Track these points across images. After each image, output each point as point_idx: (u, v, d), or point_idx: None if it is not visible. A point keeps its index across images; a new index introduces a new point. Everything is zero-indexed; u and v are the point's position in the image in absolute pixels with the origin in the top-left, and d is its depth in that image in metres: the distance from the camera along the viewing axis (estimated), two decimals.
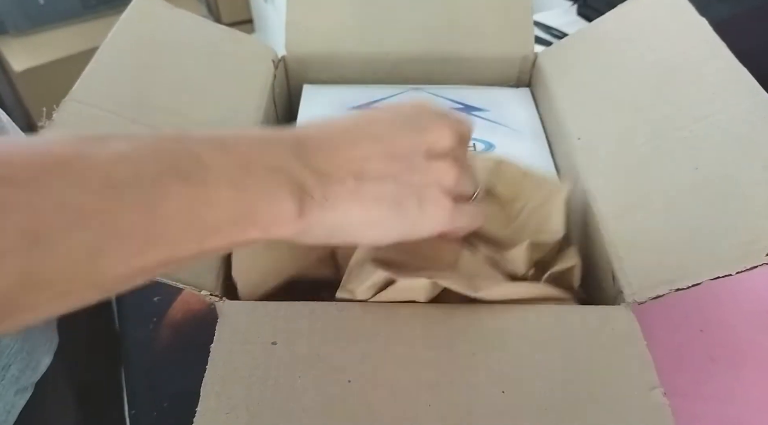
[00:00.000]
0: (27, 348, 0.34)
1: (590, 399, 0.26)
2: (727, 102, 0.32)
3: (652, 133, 0.34)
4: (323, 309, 0.29)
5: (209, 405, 0.25)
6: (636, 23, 0.40)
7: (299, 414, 0.25)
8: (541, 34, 0.78)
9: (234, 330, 0.28)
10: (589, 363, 0.27)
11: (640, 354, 0.27)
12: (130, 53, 0.37)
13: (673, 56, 0.37)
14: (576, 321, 0.29)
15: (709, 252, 0.28)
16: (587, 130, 0.38)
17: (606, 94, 0.39)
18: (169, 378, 0.42)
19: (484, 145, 0.42)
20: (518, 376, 0.27)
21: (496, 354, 0.27)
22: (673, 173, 0.32)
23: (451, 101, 0.46)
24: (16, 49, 1.21)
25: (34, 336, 0.35)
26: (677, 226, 0.30)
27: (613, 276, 0.31)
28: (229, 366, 0.27)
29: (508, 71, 0.48)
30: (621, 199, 0.33)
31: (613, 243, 0.32)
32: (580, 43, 0.44)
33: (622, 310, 0.29)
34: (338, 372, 0.27)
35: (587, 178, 0.35)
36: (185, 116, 0.36)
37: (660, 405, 0.25)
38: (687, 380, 0.39)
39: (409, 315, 0.29)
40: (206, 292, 0.29)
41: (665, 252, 0.29)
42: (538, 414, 0.25)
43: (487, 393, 0.26)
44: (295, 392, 0.26)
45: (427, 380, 0.26)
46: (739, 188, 0.29)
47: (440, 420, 0.25)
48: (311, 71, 0.48)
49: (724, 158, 0.30)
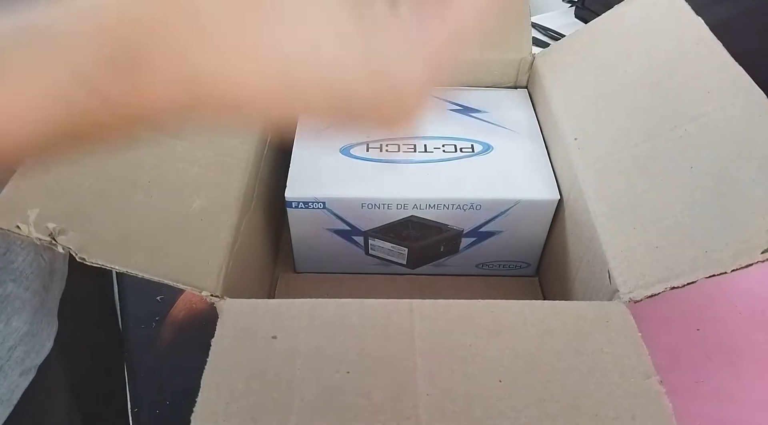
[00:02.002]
0: (32, 331, 0.34)
1: (586, 388, 0.26)
2: (722, 101, 0.32)
3: (648, 132, 0.34)
4: (323, 306, 0.29)
5: (209, 396, 0.26)
6: (632, 24, 0.41)
7: (298, 404, 0.25)
8: (539, 36, 0.78)
9: (234, 326, 0.28)
10: (585, 354, 0.27)
11: (634, 345, 0.28)
12: None
13: (668, 56, 0.37)
14: (572, 314, 0.29)
15: (704, 250, 0.28)
16: (584, 131, 0.38)
17: (602, 94, 0.39)
18: (171, 376, 0.42)
19: (482, 146, 0.42)
20: (515, 366, 0.27)
21: (493, 346, 0.28)
22: (669, 172, 0.32)
23: (449, 102, 0.47)
24: None
25: (38, 319, 0.35)
26: (673, 225, 0.30)
27: (609, 275, 0.31)
28: (230, 359, 0.27)
29: (506, 73, 0.48)
30: (617, 199, 0.33)
31: (609, 242, 0.32)
32: (577, 44, 0.44)
33: (617, 305, 0.29)
34: (337, 364, 0.27)
35: (584, 178, 0.36)
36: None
37: (656, 393, 0.26)
38: (684, 379, 0.40)
39: (406, 310, 0.29)
40: (207, 293, 0.30)
41: (661, 251, 0.30)
42: (536, 402, 0.26)
43: (484, 383, 0.26)
44: (295, 383, 0.26)
45: (425, 371, 0.27)
46: (734, 187, 0.29)
47: (439, 409, 0.26)
48: None
49: (720, 157, 0.31)
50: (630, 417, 0.25)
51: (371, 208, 0.39)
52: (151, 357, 0.44)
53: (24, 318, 0.34)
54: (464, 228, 0.41)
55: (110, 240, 0.29)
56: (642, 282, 0.29)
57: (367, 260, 0.44)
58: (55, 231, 0.27)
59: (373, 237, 0.42)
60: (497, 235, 0.42)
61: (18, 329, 0.33)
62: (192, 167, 0.34)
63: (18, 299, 0.33)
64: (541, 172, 0.41)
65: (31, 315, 0.34)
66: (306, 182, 0.40)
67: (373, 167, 0.41)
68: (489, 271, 0.45)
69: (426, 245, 0.42)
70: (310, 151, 0.42)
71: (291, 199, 0.39)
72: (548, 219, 0.41)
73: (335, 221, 0.41)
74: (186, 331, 0.45)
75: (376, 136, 0.43)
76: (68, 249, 0.27)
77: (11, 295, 0.32)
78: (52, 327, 0.37)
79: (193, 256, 0.31)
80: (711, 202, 0.30)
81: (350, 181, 0.40)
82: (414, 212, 0.40)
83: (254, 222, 0.38)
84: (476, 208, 0.39)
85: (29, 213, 0.27)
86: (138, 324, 0.46)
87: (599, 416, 0.25)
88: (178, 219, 0.32)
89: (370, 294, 0.31)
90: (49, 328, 0.37)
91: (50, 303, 0.37)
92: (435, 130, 0.44)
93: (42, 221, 0.27)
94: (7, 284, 0.32)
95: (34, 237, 0.27)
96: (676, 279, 0.28)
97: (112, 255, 0.28)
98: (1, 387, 0.32)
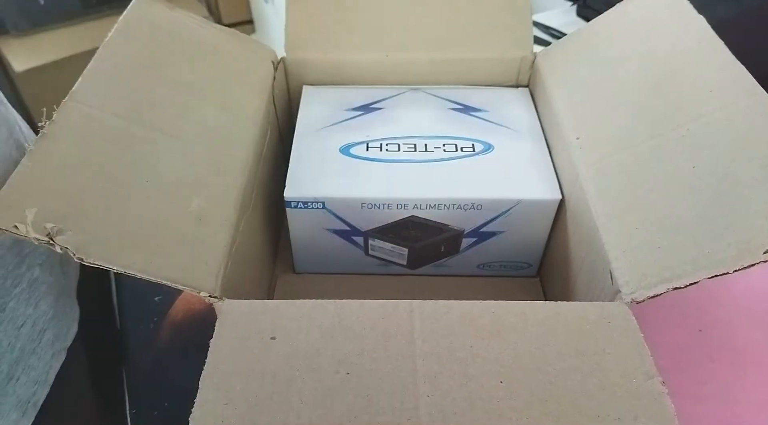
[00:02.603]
0: (58, 316, 0.36)
1: (588, 389, 0.26)
2: (724, 100, 0.32)
3: (650, 132, 0.34)
4: (322, 306, 0.29)
5: (207, 397, 0.25)
6: (634, 22, 0.41)
7: (297, 405, 0.25)
8: (541, 34, 0.78)
9: (233, 327, 0.28)
10: (587, 355, 0.27)
11: (636, 346, 0.27)
12: (130, 54, 0.37)
13: (670, 55, 0.37)
14: (573, 315, 0.29)
15: (706, 250, 0.28)
16: (585, 130, 0.38)
17: (604, 93, 0.39)
18: (169, 377, 0.42)
19: (483, 146, 0.42)
20: (516, 367, 0.27)
21: (493, 347, 0.28)
22: (671, 172, 0.32)
23: (449, 102, 0.46)
24: (16, 49, 1.21)
25: (61, 303, 0.37)
26: (675, 225, 0.30)
27: (611, 276, 0.31)
28: (228, 360, 0.27)
29: (507, 72, 0.48)
30: (619, 198, 0.33)
31: (611, 243, 0.32)
32: (578, 43, 0.44)
33: (619, 305, 0.29)
34: (337, 365, 0.27)
35: (585, 178, 0.35)
36: (184, 117, 0.36)
37: (659, 394, 0.26)
38: (686, 380, 0.40)
39: (406, 310, 0.29)
40: (205, 293, 0.29)
41: (663, 251, 0.29)
42: (537, 403, 0.26)
43: (485, 383, 0.26)
44: (294, 384, 0.26)
45: (426, 372, 0.27)
46: (736, 186, 0.29)
47: (440, 411, 0.25)
48: (311, 72, 0.48)
49: (722, 157, 0.31)
50: (632, 418, 0.25)
51: (371, 207, 0.39)
52: (149, 358, 0.44)
53: (50, 302, 0.35)
54: (465, 228, 0.41)
55: (108, 241, 0.29)
56: (644, 282, 0.29)
57: (367, 260, 0.44)
58: (53, 232, 0.27)
59: (373, 237, 0.42)
60: (498, 235, 0.41)
61: (46, 312, 0.35)
62: (191, 167, 0.34)
63: (44, 283, 0.34)
64: (542, 172, 0.40)
65: (55, 299, 0.36)
66: (305, 182, 0.39)
67: (373, 167, 0.40)
68: (490, 272, 0.45)
69: (426, 245, 0.42)
70: (310, 151, 0.42)
71: (290, 199, 0.39)
72: (550, 219, 0.41)
73: (335, 221, 0.40)
74: (184, 332, 0.45)
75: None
76: (66, 250, 0.27)
77: (38, 280, 0.34)
78: (74, 312, 0.39)
79: (192, 257, 0.30)
80: (713, 201, 0.29)
81: (350, 181, 0.39)
82: (414, 212, 0.40)
83: (253, 222, 0.38)
84: (477, 208, 0.39)
85: (27, 213, 0.27)
86: (136, 325, 0.46)
87: (601, 417, 0.25)
88: (177, 220, 0.31)
89: (370, 295, 0.31)
90: (72, 313, 0.38)
91: (70, 288, 0.38)
92: (435, 129, 0.44)
93: (40, 221, 0.27)
94: (35, 268, 0.33)
95: (32, 237, 0.27)
96: (679, 280, 0.28)
97: (110, 256, 0.28)
98: (37, 369, 0.34)
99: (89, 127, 0.32)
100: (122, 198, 0.30)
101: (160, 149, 0.34)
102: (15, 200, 0.28)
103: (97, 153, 0.31)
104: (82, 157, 0.31)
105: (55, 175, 0.29)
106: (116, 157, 0.32)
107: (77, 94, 0.33)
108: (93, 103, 0.33)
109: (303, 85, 0.48)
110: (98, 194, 0.30)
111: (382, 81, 0.48)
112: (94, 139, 0.32)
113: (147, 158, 0.33)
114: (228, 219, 0.34)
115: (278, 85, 0.46)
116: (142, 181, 0.32)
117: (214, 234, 0.32)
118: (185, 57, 0.40)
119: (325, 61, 0.47)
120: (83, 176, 0.30)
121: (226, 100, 0.39)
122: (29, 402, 0.34)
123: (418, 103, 0.46)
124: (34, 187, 0.29)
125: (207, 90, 0.39)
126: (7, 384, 0.32)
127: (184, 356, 0.43)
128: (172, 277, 0.29)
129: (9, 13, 1.20)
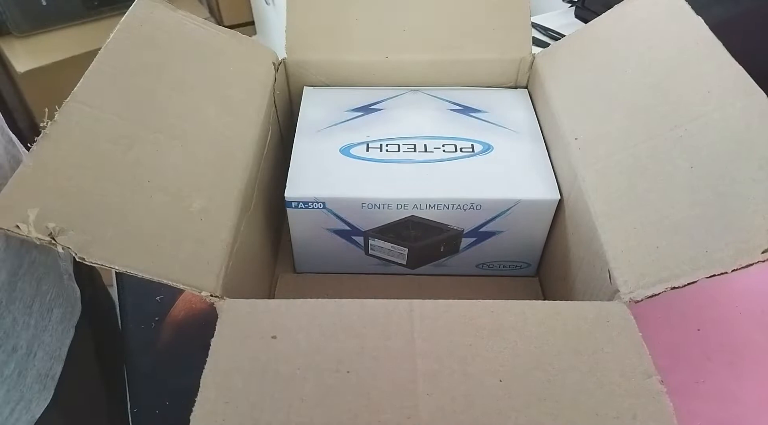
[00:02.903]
0: (61, 295, 0.38)
1: (587, 388, 0.26)
2: (722, 101, 0.32)
3: (648, 132, 0.34)
4: (323, 306, 0.29)
5: (209, 396, 0.26)
6: (632, 23, 0.41)
7: (298, 404, 0.25)
8: (539, 36, 0.78)
9: (234, 326, 0.28)
10: (586, 354, 0.27)
11: (635, 345, 0.28)
12: (131, 55, 0.37)
13: (669, 56, 0.37)
14: (572, 314, 0.29)
15: (704, 250, 0.28)
16: (584, 131, 0.38)
17: (602, 94, 0.39)
18: (170, 376, 0.42)
19: (483, 146, 0.42)
20: (515, 366, 0.27)
21: (493, 346, 0.28)
22: (669, 172, 0.32)
23: (449, 102, 0.47)
24: (18, 50, 1.21)
25: (61, 284, 0.38)
26: (673, 225, 0.30)
27: (609, 275, 0.31)
28: (229, 359, 0.27)
29: (506, 73, 0.48)
30: (617, 198, 0.33)
31: (610, 242, 0.32)
32: (577, 44, 0.44)
33: (617, 305, 0.29)
34: (337, 364, 0.27)
35: (584, 178, 0.36)
36: (186, 118, 0.36)
37: (657, 393, 0.26)
38: (684, 379, 0.40)
39: (406, 310, 0.29)
40: (207, 293, 0.30)
41: (661, 251, 0.30)
42: (536, 402, 0.26)
43: (484, 382, 0.26)
44: (295, 383, 0.26)
45: (425, 371, 0.27)
46: (734, 187, 0.29)
47: (439, 409, 0.26)
48: (311, 73, 0.48)
49: (720, 157, 0.31)
50: (631, 417, 0.25)
51: (371, 208, 0.39)
52: (150, 358, 0.44)
53: (51, 282, 0.36)
54: (464, 228, 0.41)
55: (110, 240, 0.29)
56: (642, 282, 0.29)
57: (367, 260, 0.44)
58: (54, 231, 0.27)
59: (373, 237, 0.42)
60: (497, 235, 0.42)
61: (48, 292, 0.36)
62: (192, 167, 0.34)
63: (42, 265, 0.35)
64: (541, 172, 0.41)
65: (54, 279, 0.37)
66: (306, 182, 0.40)
67: (373, 167, 0.41)
68: (489, 271, 0.45)
69: (426, 245, 0.42)
70: (310, 152, 0.42)
71: (291, 199, 0.39)
72: (549, 219, 0.41)
73: (335, 221, 0.41)
74: (185, 331, 0.45)
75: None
76: (68, 249, 0.27)
77: (36, 261, 0.34)
78: (75, 292, 0.40)
79: (193, 256, 0.31)
80: (711, 201, 0.30)
81: (350, 181, 0.40)
82: (414, 212, 0.40)
83: (254, 222, 0.38)
84: (476, 208, 0.39)
85: (29, 213, 0.27)
86: (137, 325, 0.46)
87: (600, 416, 0.25)
88: (178, 219, 0.32)
89: (370, 294, 0.31)
90: (74, 293, 0.40)
91: (66, 269, 0.40)
92: (435, 129, 0.44)
93: (42, 221, 0.27)
94: (32, 251, 0.34)
95: (33, 237, 0.27)
96: (677, 280, 0.28)
97: (111, 255, 0.28)
98: (51, 345, 0.36)
99: (91, 128, 0.32)
100: (124, 198, 0.31)
101: (161, 150, 0.34)
102: (17, 200, 0.28)
103: (98, 153, 0.31)
104: (83, 158, 0.31)
105: (57, 175, 0.30)
106: (118, 158, 0.32)
107: (79, 94, 0.33)
108: (95, 104, 0.33)
109: (304, 86, 0.48)
110: (100, 194, 0.30)
111: (383, 82, 0.48)
112: (95, 140, 0.32)
113: (148, 159, 0.33)
114: (229, 219, 0.34)
115: (279, 86, 0.46)
116: (144, 181, 0.32)
117: (215, 234, 0.32)
118: (187, 58, 0.40)
119: (325, 62, 0.48)
120: (85, 176, 0.30)
121: (227, 101, 0.39)
122: (47, 376, 0.36)
123: (417, 103, 0.47)
124: (36, 186, 0.29)
125: (208, 91, 0.39)
126: (27, 358, 0.34)
127: (185, 355, 0.43)
128: (173, 277, 0.29)
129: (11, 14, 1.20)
